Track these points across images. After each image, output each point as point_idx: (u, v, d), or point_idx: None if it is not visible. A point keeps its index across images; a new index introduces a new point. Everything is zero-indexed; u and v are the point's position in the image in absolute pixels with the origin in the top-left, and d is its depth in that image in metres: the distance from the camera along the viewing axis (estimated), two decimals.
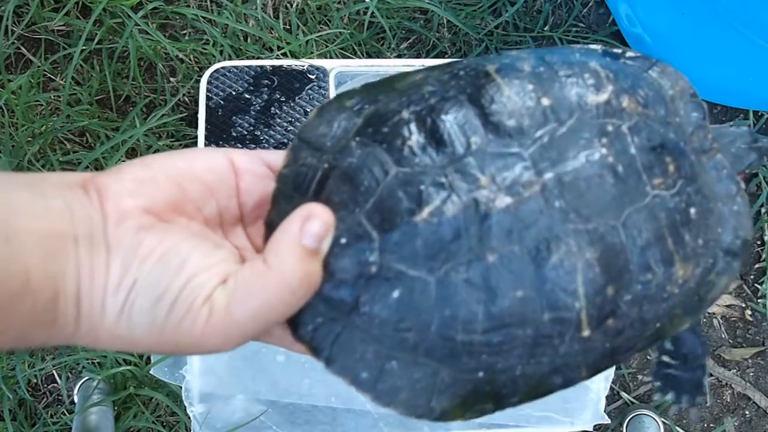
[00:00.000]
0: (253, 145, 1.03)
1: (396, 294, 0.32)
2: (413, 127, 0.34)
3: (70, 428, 1.13)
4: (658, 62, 0.40)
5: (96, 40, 1.18)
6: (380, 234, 0.33)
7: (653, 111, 0.37)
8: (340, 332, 0.33)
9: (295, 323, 0.34)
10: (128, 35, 1.15)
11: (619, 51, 0.39)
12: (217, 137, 1.05)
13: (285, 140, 1.02)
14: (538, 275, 0.33)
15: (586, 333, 0.34)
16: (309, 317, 0.34)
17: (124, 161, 1.14)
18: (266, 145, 1.03)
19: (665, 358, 0.47)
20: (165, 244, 0.31)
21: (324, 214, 0.32)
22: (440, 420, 0.34)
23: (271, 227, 0.34)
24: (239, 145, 1.04)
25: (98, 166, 1.14)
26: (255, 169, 0.36)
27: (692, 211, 0.36)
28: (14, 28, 1.21)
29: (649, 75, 0.39)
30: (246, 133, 1.04)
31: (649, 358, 1.27)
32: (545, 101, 0.35)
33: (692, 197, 0.36)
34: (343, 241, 0.33)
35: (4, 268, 0.28)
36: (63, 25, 1.23)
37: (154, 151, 1.15)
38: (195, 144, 1.09)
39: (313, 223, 0.31)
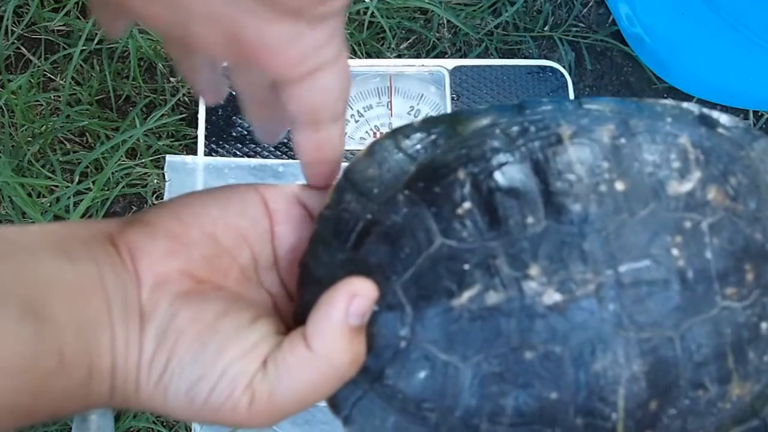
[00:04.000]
0: (253, 145, 1.03)
1: (423, 375, 0.31)
2: (467, 192, 0.31)
3: (70, 428, 1.13)
4: (761, 137, 0.35)
5: (96, 40, 1.18)
6: (414, 309, 0.31)
7: (742, 205, 0.33)
8: (362, 396, 0.32)
9: None
10: (128, 35, 1.15)
11: (717, 117, 0.35)
12: (217, 137, 1.05)
13: (285, 140, 1.02)
14: (576, 380, 0.31)
15: None
16: None
17: (124, 161, 1.14)
18: (266, 145, 1.03)
19: None
20: (200, 322, 0.29)
21: (369, 291, 0.30)
22: None
23: (305, 271, 0.33)
24: (239, 145, 1.04)
25: (98, 166, 1.14)
26: (289, 209, 0.35)
27: (764, 326, 0.33)
28: (14, 28, 1.21)
29: (748, 155, 0.34)
30: (246, 133, 1.04)
31: None
32: (619, 186, 0.31)
33: (767, 310, 0.33)
34: (375, 308, 0.32)
35: (38, 349, 0.26)
36: (63, 25, 1.23)
37: (155, 152, 1.15)
38: (195, 144, 1.10)
39: (358, 302, 0.30)
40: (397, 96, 1.12)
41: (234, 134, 1.04)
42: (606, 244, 0.31)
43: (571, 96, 1.11)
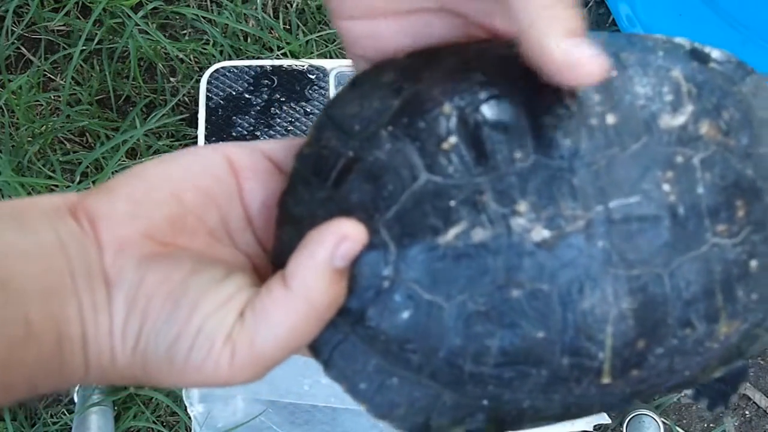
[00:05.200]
0: None
1: (406, 314, 0.30)
2: (453, 126, 0.30)
3: (70, 428, 1.13)
4: (753, 73, 0.34)
5: (96, 40, 1.18)
6: (398, 248, 0.30)
7: (734, 140, 0.32)
8: (342, 339, 0.31)
9: None
10: (128, 35, 1.16)
11: (708, 52, 0.33)
12: (217, 137, 1.05)
13: None
14: (564, 318, 0.30)
15: (606, 381, 0.31)
16: None
17: (124, 161, 1.14)
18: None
19: None
20: (170, 282, 0.28)
21: (359, 234, 0.29)
22: None
23: (284, 209, 0.32)
24: None
25: (98, 166, 1.14)
26: (256, 165, 0.33)
27: (753, 264, 0.32)
28: (14, 28, 1.21)
29: (740, 90, 0.33)
30: (246, 133, 1.04)
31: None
32: (610, 120, 0.30)
33: (757, 247, 0.32)
34: None
35: (3, 316, 0.26)
36: (63, 25, 1.23)
37: (155, 152, 1.15)
38: (195, 144, 1.10)
39: (347, 245, 0.28)
40: None
41: (234, 134, 1.04)
42: (596, 179, 0.30)
43: None
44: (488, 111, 0.30)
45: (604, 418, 0.96)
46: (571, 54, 0.27)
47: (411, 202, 0.30)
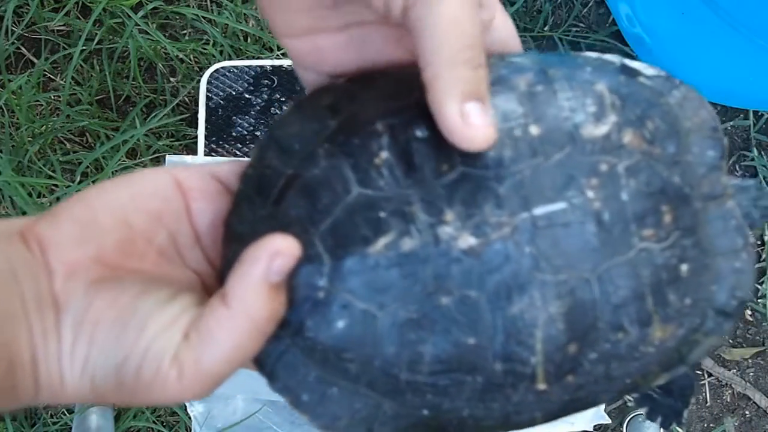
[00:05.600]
0: (253, 145, 1.03)
1: (341, 324, 0.30)
2: (385, 142, 0.31)
3: (70, 428, 1.13)
4: (681, 85, 0.35)
5: (96, 40, 1.18)
6: (332, 259, 0.30)
7: (660, 149, 0.32)
8: (284, 351, 0.32)
9: None
10: (128, 35, 1.16)
11: (638, 68, 0.34)
12: (217, 137, 1.05)
13: None
14: (493, 324, 0.30)
15: (541, 387, 0.31)
16: None
17: (124, 161, 1.14)
18: None
19: None
20: (117, 305, 0.29)
21: (291, 248, 0.29)
22: None
23: (230, 228, 0.33)
24: (239, 145, 1.04)
25: (98, 167, 1.15)
26: (205, 186, 0.33)
27: (683, 267, 0.32)
28: (14, 28, 1.21)
29: (667, 102, 0.34)
30: (246, 133, 1.04)
31: None
32: (534, 130, 0.31)
33: (687, 252, 0.32)
34: None
35: None
36: (63, 25, 1.23)
37: (155, 152, 1.15)
38: (195, 144, 1.10)
39: (281, 261, 0.29)
40: None
41: (234, 134, 1.04)
42: (521, 187, 0.30)
43: None
44: (418, 128, 0.31)
45: (604, 418, 0.96)
46: (463, 120, 0.29)
47: (344, 214, 0.31)
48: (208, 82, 1.06)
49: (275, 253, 0.29)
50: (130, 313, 0.29)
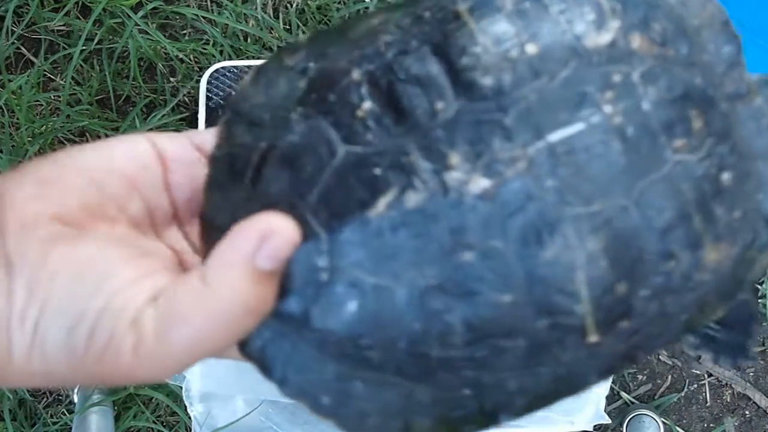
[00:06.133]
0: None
1: (353, 306, 0.26)
2: (365, 91, 0.27)
3: (70, 428, 1.13)
4: None
5: (96, 40, 1.18)
6: (329, 233, 0.26)
7: (673, 50, 0.29)
8: (291, 351, 0.28)
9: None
10: (128, 35, 1.16)
11: None
12: None
13: None
14: (527, 275, 0.26)
15: (593, 339, 0.27)
16: (256, 331, 0.27)
17: None
18: None
19: None
20: (78, 256, 0.25)
21: (287, 229, 0.25)
22: None
23: (206, 222, 0.29)
24: None
25: None
26: (185, 155, 0.30)
27: (725, 176, 0.28)
28: (14, 28, 1.21)
29: (666, 2, 0.30)
30: None
31: (649, 357, 1.27)
32: (531, 49, 0.27)
33: (725, 159, 0.28)
34: None
35: None
36: (63, 25, 1.23)
37: None
38: None
39: (274, 241, 0.25)
40: None
41: None
42: (529, 114, 0.26)
43: None
44: (399, 68, 0.27)
45: (604, 418, 0.96)
46: None
47: (333, 179, 0.27)
48: (208, 82, 1.06)
49: (267, 232, 0.25)
50: (90, 266, 0.25)
